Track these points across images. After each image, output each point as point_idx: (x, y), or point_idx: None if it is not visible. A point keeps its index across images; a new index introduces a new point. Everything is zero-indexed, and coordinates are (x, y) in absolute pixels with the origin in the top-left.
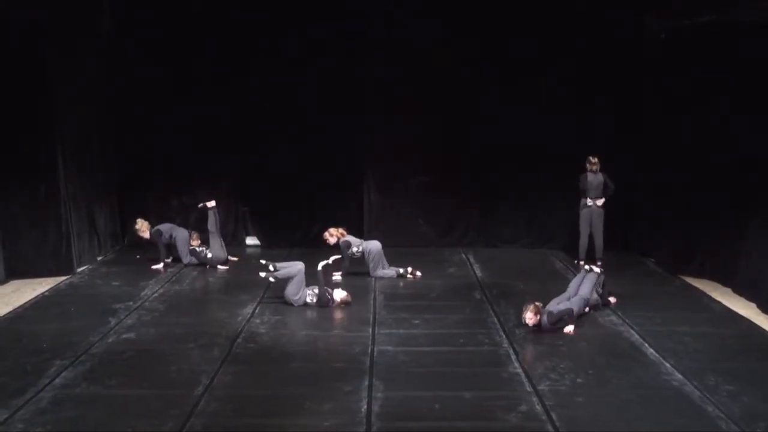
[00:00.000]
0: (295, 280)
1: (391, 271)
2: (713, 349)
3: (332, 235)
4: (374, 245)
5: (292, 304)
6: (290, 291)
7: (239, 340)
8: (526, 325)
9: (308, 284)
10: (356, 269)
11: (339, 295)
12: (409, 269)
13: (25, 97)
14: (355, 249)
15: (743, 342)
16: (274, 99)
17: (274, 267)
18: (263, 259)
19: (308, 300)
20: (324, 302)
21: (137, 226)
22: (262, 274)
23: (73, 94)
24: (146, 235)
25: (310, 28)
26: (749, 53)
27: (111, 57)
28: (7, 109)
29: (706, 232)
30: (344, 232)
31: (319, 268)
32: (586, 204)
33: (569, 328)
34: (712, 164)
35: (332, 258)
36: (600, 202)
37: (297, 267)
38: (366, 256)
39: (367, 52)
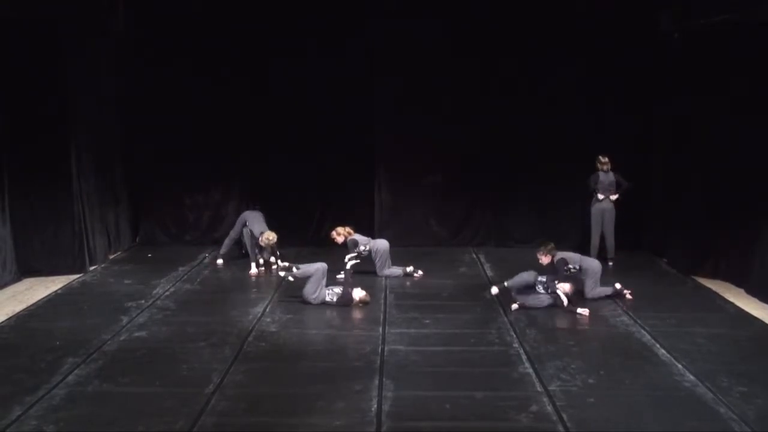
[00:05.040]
0: (314, 278)
1: (398, 270)
2: (726, 351)
3: (339, 234)
4: (382, 244)
5: (310, 303)
6: (308, 289)
7: (250, 338)
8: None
9: (328, 284)
10: (365, 268)
11: (358, 294)
12: (411, 268)
13: (39, 97)
14: (362, 248)
15: (757, 343)
16: (285, 99)
17: (296, 267)
18: (285, 261)
19: (327, 299)
20: (346, 301)
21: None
22: (282, 274)
23: (85, 94)
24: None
25: (321, 28)
26: (765, 54)
27: (123, 57)
28: (21, 108)
29: (719, 233)
30: (351, 231)
31: (348, 267)
32: (597, 199)
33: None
34: (725, 165)
35: (351, 254)
36: (613, 197)
37: (315, 266)
38: (373, 255)
39: (378, 51)
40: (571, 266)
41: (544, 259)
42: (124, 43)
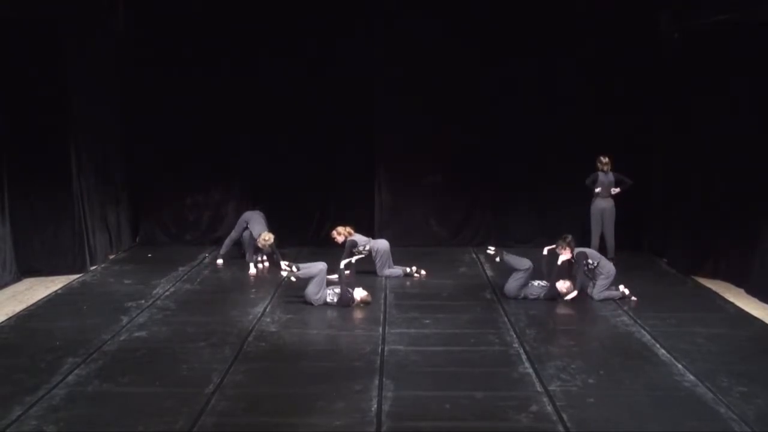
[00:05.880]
0: (316, 279)
1: (398, 270)
2: (726, 351)
3: (340, 234)
4: (382, 244)
5: (311, 303)
6: (311, 290)
7: (250, 338)
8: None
9: (329, 284)
10: (365, 268)
11: (360, 294)
12: (414, 268)
13: (39, 97)
14: (361, 248)
15: (757, 343)
16: (286, 99)
17: (297, 267)
18: (286, 260)
19: (329, 299)
20: (345, 301)
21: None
22: (284, 274)
23: (85, 94)
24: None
25: (321, 28)
26: (765, 54)
27: (123, 57)
28: (21, 108)
29: (720, 233)
30: (351, 231)
31: (342, 266)
32: (597, 199)
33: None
34: (725, 165)
35: (355, 258)
36: (615, 190)
37: (318, 267)
38: (373, 255)
39: (378, 51)
40: (590, 261)
41: (564, 253)
42: (124, 43)
